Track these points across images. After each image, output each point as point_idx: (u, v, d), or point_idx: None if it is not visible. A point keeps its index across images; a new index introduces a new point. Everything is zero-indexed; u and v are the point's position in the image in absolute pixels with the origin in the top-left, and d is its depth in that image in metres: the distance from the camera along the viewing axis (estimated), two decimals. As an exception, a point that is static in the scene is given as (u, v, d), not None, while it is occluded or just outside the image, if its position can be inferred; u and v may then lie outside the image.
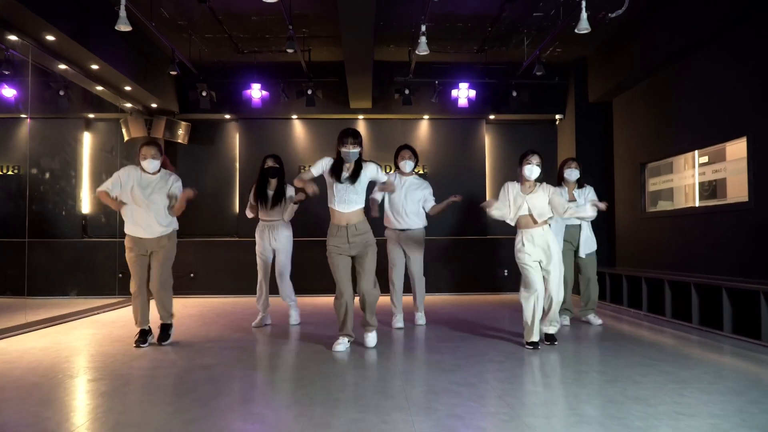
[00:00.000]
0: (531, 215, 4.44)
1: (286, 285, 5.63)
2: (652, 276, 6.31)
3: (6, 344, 4.76)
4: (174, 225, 4.70)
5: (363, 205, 4.36)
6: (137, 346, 4.54)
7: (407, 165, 5.41)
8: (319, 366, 3.89)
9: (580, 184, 5.58)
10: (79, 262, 8.43)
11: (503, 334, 5.10)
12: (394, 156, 5.55)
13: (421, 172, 8.95)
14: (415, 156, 5.46)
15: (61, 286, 8.27)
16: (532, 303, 4.40)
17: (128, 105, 8.13)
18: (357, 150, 4.25)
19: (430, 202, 5.41)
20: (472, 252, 8.79)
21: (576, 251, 5.60)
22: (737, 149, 5.80)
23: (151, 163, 4.51)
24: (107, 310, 6.92)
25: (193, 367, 3.90)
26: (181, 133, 8.68)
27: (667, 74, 6.91)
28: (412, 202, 5.36)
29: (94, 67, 6.51)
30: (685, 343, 4.79)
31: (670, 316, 5.91)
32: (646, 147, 7.44)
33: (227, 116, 9.00)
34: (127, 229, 4.55)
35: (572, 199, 5.37)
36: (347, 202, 4.26)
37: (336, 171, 4.27)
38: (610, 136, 8.44)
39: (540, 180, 4.55)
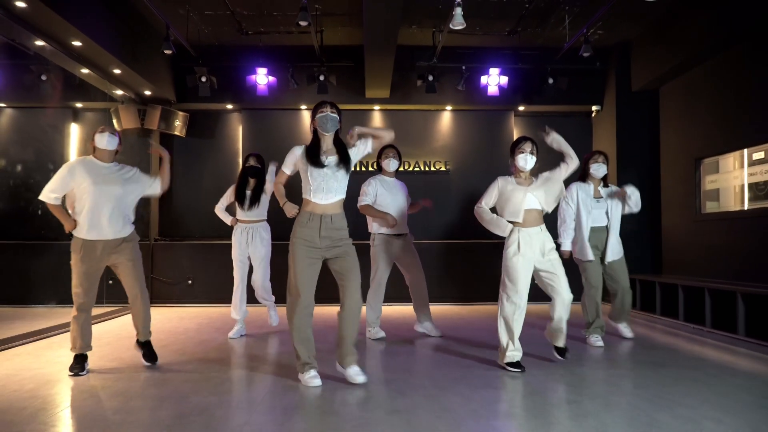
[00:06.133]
0: (538, 210, 3.98)
1: (264, 289, 5.34)
2: (716, 287, 5.45)
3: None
4: (132, 228, 3.96)
5: (344, 197, 3.56)
6: (76, 374, 3.72)
7: (391, 163, 5.07)
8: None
9: (605, 182, 5.04)
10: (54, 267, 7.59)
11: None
12: (377, 155, 5.15)
13: (443, 169, 8.13)
14: (399, 155, 5.18)
15: (37, 294, 7.41)
16: (514, 317, 3.87)
17: (119, 92, 7.27)
18: (335, 116, 3.47)
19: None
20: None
21: (602, 257, 4.99)
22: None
23: (111, 139, 3.78)
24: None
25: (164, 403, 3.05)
26: (179, 125, 7.82)
27: (736, 55, 6.05)
28: (402, 204, 5.06)
29: (77, 43, 5.65)
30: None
31: (743, 334, 5.05)
32: (703, 141, 6.57)
33: (229, 106, 8.14)
34: (77, 232, 3.75)
35: (597, 196, 4.95)
36: (326, 191, 3.44)
37: (312, 154, 3.46)
38: (656, 129, 7.57)
39: (533, 172, 4.13)
